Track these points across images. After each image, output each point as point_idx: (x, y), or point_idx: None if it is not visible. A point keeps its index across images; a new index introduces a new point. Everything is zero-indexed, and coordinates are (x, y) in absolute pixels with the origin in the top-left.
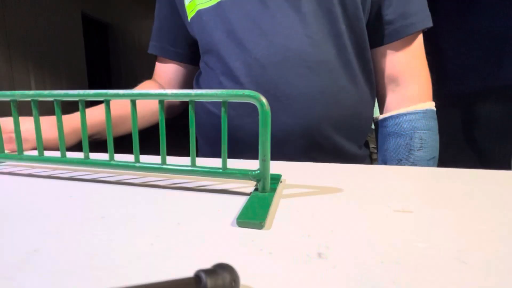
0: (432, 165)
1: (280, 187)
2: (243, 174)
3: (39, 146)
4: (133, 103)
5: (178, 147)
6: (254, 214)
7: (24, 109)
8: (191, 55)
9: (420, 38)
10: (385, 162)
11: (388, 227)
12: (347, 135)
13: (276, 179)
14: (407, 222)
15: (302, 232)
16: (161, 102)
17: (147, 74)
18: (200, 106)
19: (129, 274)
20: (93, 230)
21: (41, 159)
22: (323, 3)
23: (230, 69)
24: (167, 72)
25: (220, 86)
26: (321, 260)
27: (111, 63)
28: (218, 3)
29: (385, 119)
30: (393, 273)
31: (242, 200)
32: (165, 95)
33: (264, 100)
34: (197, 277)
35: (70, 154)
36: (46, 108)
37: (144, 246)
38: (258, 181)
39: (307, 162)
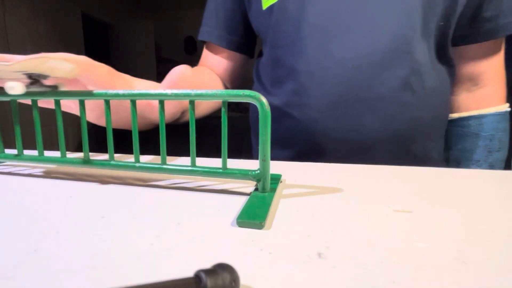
0: (503, 165)
1: (280, 187)
2: (243, 174)
3: (39, 146)
4: (133, 103)
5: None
6: (254, 214)
7: (24, 109)
8: (247, 44)
9: (504, 38)
10: (458, 162)
11: (388, 227)
12: (433, 138)
13: (276, 179)
14: (407, 222)
15: (302, 232)
16: (161, 102)
17: (147, 74)
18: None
19: (129, 274)
20: (93, 230)
21: (41, 159)
22: None
23: (317, 68)
24: (221, 62)
25: (300, 87)
26: (321, 260)
27: (111, 63)
28: None
29: (462, 119)
30: (393, 273)
31: (242, 200)
32: (165, 95)
33: (264, 100)
34: (197, 277)
35: (70, 154)
36: (46, 108)
37: (144, 246)
38: (258, 181)
39: (307, 162)
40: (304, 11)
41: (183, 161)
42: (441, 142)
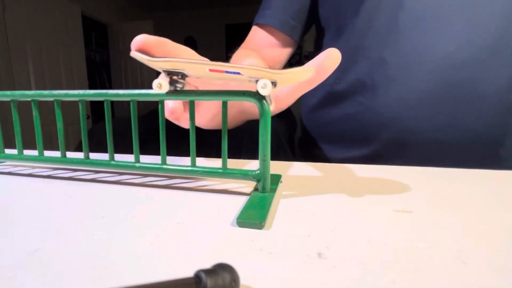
0: None
1: (280, 187)
2: (243, 174)
3: (39, 146)
4: (133, 103)
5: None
6: (254, 214)
7: (24, 109)
8: (303, 32)
9: None
10: None
11: (388, 227)
12: None
13: (276, 179)
14: (407, 222)
15: (302, 232)
16: (161, 102)
17: (147, 74)
18: (340, 98)
19: (129, 274)
20: (93, 230)
21: (41, 159)
22: None
23: (412, 61)
24: (275, 49)
25: (388, 80)
26: (321, 260)
27: (111, 63)
28: None
29: None
30: (393, 273)
31: (242, 200)
32: (165, 95)
33: (264, 100)
34: (197, 277)
35: (70, 154)
36: (46, 108)
37: (144, 246)
38: (258, 181)
39: (307, 162)
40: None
41: (183, 161)
42: None
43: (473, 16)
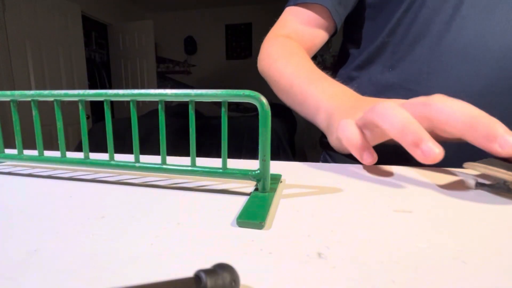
0: None
1: (280, 187)
2: (243, 174)
3: (39, 146)
4: (133, 103)
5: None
6: (254, 214)
7: (24, 109)
8: (342, 20)
9: None
10: None
11: (388, 227)
12: None
13: (276, 179)
14: (407, 222)
15: (302, 232)
16: (161, 102)
17: (147, 74)
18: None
19: (129, 274)
20: (93, 230)
21: (41, 159)
22: None
23: (476, 49)
24: (315, 34)
25: (449, 69)
26: (321, 260)
27: (111, 63)
28: None
29: None
30: (393, 273)
31: (242, 200)
32: (165, 95)
33: (264, 100)
34: (197, 277)
35: (70, 154)
36: (46, 108)
37: (144, 246)
38: (258, 181)
39: (307, 162)
40: None
41: (183, 161)
42: None
43: None
